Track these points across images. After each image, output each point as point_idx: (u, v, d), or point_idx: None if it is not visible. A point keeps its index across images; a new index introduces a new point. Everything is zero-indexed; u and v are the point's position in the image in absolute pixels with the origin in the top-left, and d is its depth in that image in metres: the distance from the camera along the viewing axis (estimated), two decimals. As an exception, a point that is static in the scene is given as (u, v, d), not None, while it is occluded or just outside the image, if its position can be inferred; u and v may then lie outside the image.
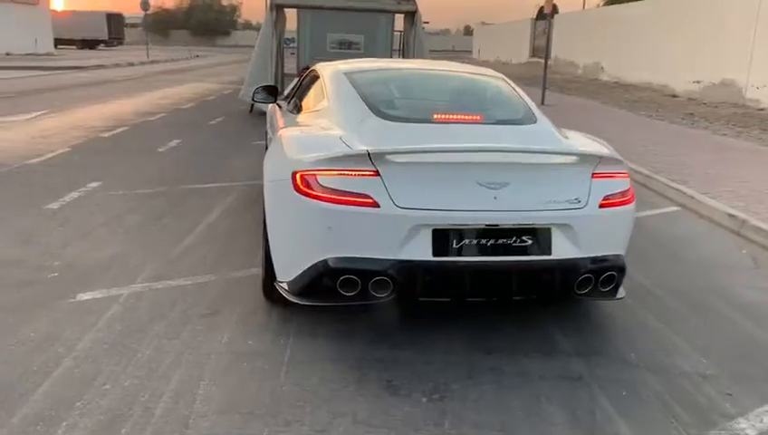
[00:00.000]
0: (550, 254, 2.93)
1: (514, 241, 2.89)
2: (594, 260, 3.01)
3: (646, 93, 17.67)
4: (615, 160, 3.10)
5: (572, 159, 3.06)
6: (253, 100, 5.35)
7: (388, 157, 2.85)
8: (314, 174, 2.94)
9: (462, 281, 2.91)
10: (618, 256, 3.12)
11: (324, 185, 2.91)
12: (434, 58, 27.48)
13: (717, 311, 3.75)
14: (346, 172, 2.88)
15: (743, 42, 14.28)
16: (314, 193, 2.92)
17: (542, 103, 14.49)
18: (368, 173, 2.86)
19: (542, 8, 32.64)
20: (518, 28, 34.23)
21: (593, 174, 3.03)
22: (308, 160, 2.99)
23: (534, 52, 31.64)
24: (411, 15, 11.96)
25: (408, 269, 2.85)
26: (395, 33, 18.48)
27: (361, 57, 17.86)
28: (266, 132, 6.27)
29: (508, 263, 2.90)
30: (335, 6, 12.63)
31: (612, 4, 29.63)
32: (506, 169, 2.92)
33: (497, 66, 27.98)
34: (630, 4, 20.61)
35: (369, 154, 2.84)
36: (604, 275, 3.04)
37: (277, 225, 3.23)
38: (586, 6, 33.93)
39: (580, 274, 2.99)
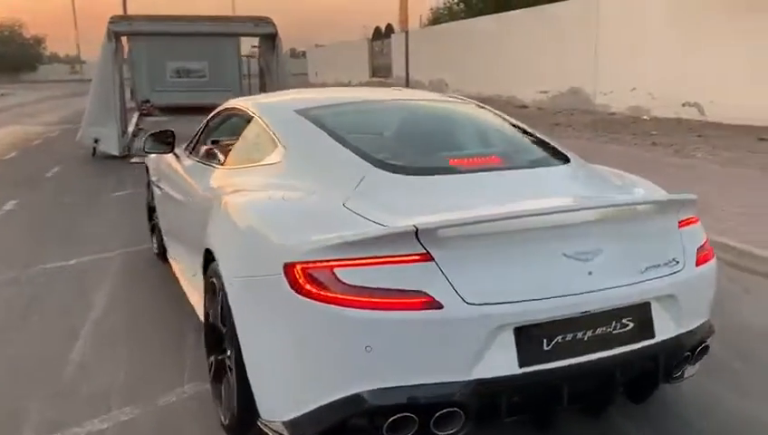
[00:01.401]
0: (653, 336, 2.18)
1: (615, 328, 2.10)
2: (693, 333, 2.31)
3: (497, 105, 18.01)
4: (691, 202, 2.42)
5: (653, 207, 2.34)
6: (144, 150, 4.13)
7: (442, 233, 1.94)
8: (329, 265, 1.96)
9: (558, 392, 2.07)
10: (708, 322, 2.44)
11: (348, 282, 1.94)
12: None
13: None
14: (384, 260, 1.93)
15: (587, 52, 14.92)
16: (332, 295, 1.94)
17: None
18: (417, 259, 1.94)
19: (377, 28, 33.08)
20: (355, 48, 34.20)
21: (679, 223, 2.34)
22: (313, 246, 2.00)
23: (375, 72, 31.71)
24: (271, 39, 10.96)
25: (488, 391, 1.95)
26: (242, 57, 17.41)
27: (207, 85, 16.60)
28: (149, 186, 5.03)
29: (612, 358, 2.10)
30: (184, 32, 11.30)
31: (436, 23, 30.51)
32: (596, 232, 2.13)
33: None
34: (472, 20, 21.10)
35: (416, 231, 1.91)
36: (700, 348, 2.35)
37: (259, 342, 2.20)
38: (410, 25, 34.66)
39: (683, 354, 2.27)
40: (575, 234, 2.08)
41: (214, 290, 2.62)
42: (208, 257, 2.70)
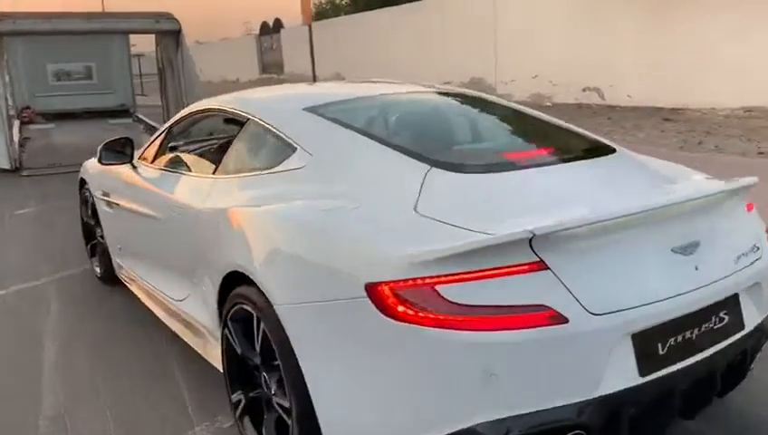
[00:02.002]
0: (743, 327, 2.11)
1: (714, 323, 2.00)
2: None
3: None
4: (753, 185, 2.36)
5: (728, 194, 2.26)
6: (101, 162, 3.61)
7: (556, 237, 1.75)
8: (430, 283, 1.72)
9: (673, 399, 1.93)
10: None
11: (456, 300, 1.71)
12: (151, 82, 25.04)
13: None
14: (494, 273, 1.71)
15: (486, 41, 15.22)
16: (439, 316, 1.70)
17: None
18: (531, 268, 1.73)
19: (264, 23, 32.17)
20: (242, 45, 33.07)
21: (747, 206, 2.29)
22: (406, 261, 1.75)
23: (265, 68, 30.85)
24: (174, 35, 10.25)
25: (612, 406, 1.79)
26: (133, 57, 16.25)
27: (95, 88, 15.35)
28: (86, 202, 4.47)
29: (715, 355, 2.00)
30: (70, 30, 10.30)
31: (320, 18, 30.22)
32: (693, 225, 2.01)
33: (227, 85, 26.70)
34: (368, 13, 20.92)
35: (531, 237, 1.71)
36: None
37: (336, 380, 1.91)
38: (294, 20, 33.91)
39: (762, 343, 2.22)
40: (677, 228, 1.96)
41: (244, 319, 2.29)
42: (232, 280, 2.35)
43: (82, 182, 4.59)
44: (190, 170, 3.19)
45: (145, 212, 3.35)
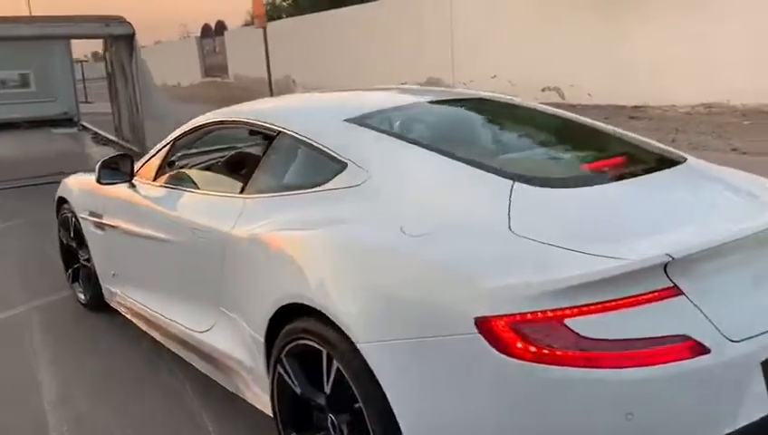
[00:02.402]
0: None
1: None
2: None
3: (354, 100, 17.86)
4: None
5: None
6: (100, 181, 3.28)
7: (688, 259, 1.60)
8: (557, 316, 1.55)
9: None
10: None
11: (587, 334, 1.54)
12: (96, 87, 24.17)
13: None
14: (626, 301, 1.55)
15: (443, 41, 15.19)
16: (568, 353, 1.54)
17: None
18: (666, 294, 1.58)
19: (206, 26, 31.34)
20: (182, 48, 32.20)
21: None
22: (527, 292, 1.58)
23: (208, 71, 30.08)
24: (126, 40, 9.75)
25: (749, 438, 1.66)
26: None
27: (34, 96, 14.52)
28: (67, 224, 4.12)
29: None
30: (10, 36, 9.63)
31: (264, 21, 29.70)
32: None
33: (167, 90, 25.86)
34: (317, 14, 20.61)
35: (668, 261, 1.55)
36: None
37: (442, 420, 1.71)
38: (235, 23, 33.18)
39: None
40: None
41: (306, 356, 2.06)
42: (290, 312, 2.12)
43: (61, 201, 4.22)
44: (207, 189, 2.92)
45: (152, 235, 3.06)
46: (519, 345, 1.56)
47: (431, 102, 2.82)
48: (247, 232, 2.42)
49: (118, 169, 3.27)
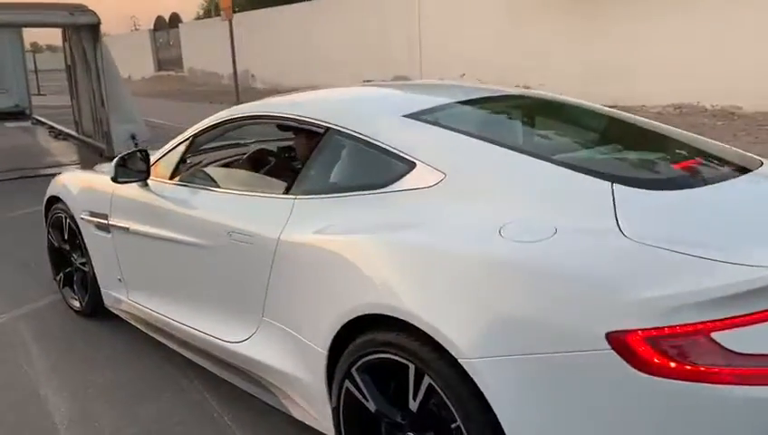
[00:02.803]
0: None
1: None
2: None
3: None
4: None
5: None
6: (117, 180, 3.02)
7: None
8: (703, 328, 1.44)
9: None
10: None
11: (737, 349, 1.44)
12: (56, 80, 23.40)
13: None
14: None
15: (410, 39, 15.10)
16: (712, 369, 1.44)
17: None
18: None
19: (159, 18, 30.44)
20: (133, 41, 31.25)
21: None
22: (672, 303, 1.47)
23: (161, 65, 29.28)
24: (92, 30, 9.29)
25: None
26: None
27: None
28: (60, 226, 3.84)
29: None
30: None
31: (208, 14, 29.18)
32: None
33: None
34: (281, 7, 20.23)
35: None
36: None
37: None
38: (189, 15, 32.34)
39: None
40: None
41: (385, 371, 1.91)
42: (361, 324, 1.96)
43: (52, 201, 3.92)
44: (241, 188, 2.71)
45: (174, 238, 2.84)
46: (657, 361, 1.45)
47: (483, 99, 2.68)
48: (303, 236, 2.24)
49: (134, 165, 3.02)
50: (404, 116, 2.34)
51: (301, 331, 2.27)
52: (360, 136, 2.31)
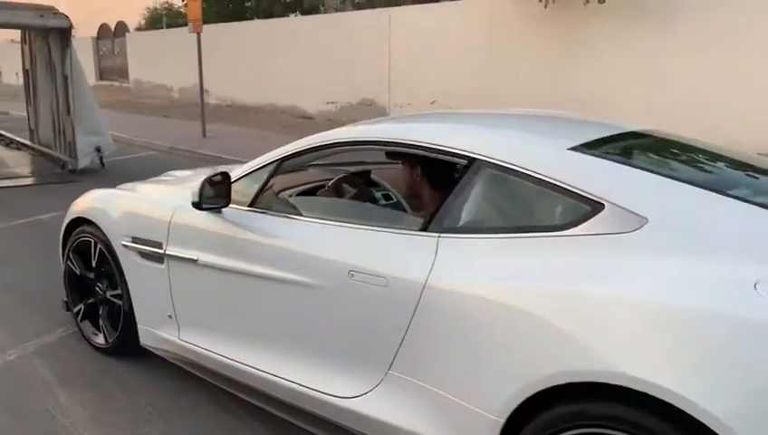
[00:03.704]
0: None
1: None
2: None
3: (276, 115, 17.13)
4: None
5: None
6: (201, 206, 2.62)
7: None
8: None
9: None
10: None
11: None
12: None
13: None
14: None
15: (379, 63, 14.95)
16: None
17: (205, 136, 12.57)
18: None
19: (103, 25, 29.19)
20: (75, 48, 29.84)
21: None
22: None
23: (103, 74, 28.05)
24: (61, 34, 8.67)
25: None
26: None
27: None
28: (83, 253, 3.40)
29: None
30: None
31: (154, 24, 28.41)
32: None
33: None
34: (245, 22, 19.70)
35: None
36: None
37: None
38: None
39: None
40: None
41: None
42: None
43: (77, 223, 3.46)
44: (352, 221, 2.38)
45: (269, 275, 2.48)
46: None
47: (627, 134, 2.46)
48: (461, 282, 1.97)
49: (218, 189, 2.63)
50: (569, 149, 2.11)
51: (456, 392, 1.98)
52: (523, 170, 2.06)
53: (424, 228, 2.19)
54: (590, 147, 2.15)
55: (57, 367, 3.31)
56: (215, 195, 2.62)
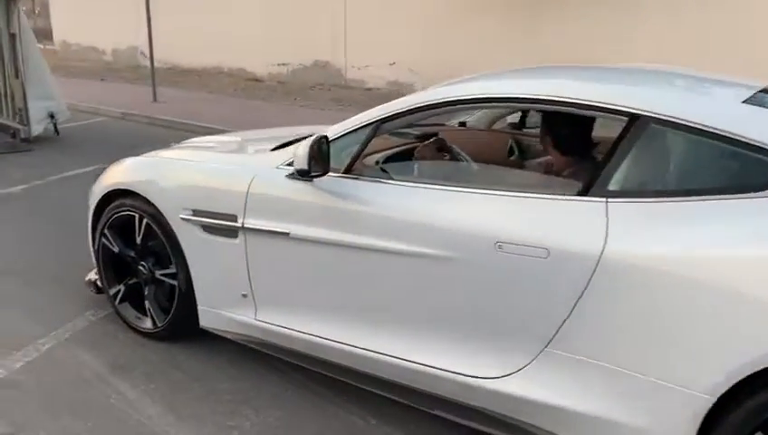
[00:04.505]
0: None
1: None
2: None
3: (234, 79, 16.36)
4: None
5: None
6: (310, 174, 2.32)
7: None
8: None
9: None
10: None
11: None
12: None
13: None
14: None
15: (334, 23, 14.48)
16: None
17: (156, 100, 11.87)
18: None
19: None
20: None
21: None
22: None
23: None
24: (8, -7, 7.86)
25: None
26: None
27: None
28: (130, 225, 3.06)
29: None
30: None
31: None
32: None
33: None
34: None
35: None
36: None
37: None
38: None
39: None
40: None
41: None
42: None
43: (115, 196, 3.08)
44: (486, 187, 2.16)
45: (388, 248, 2.24)
46: None
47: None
48: (653, 252, 1.81)
49: (320, 153, 2.35)
50: (743, 102, 1.96)
51: (648, 369, 1.83)
52: (702, 127, 1.90)
53: (583, 193, 2.01)
54: (759, 101, 2.01)
55: (104, 355, 2.97)
56: (318, 161, 2.34)
